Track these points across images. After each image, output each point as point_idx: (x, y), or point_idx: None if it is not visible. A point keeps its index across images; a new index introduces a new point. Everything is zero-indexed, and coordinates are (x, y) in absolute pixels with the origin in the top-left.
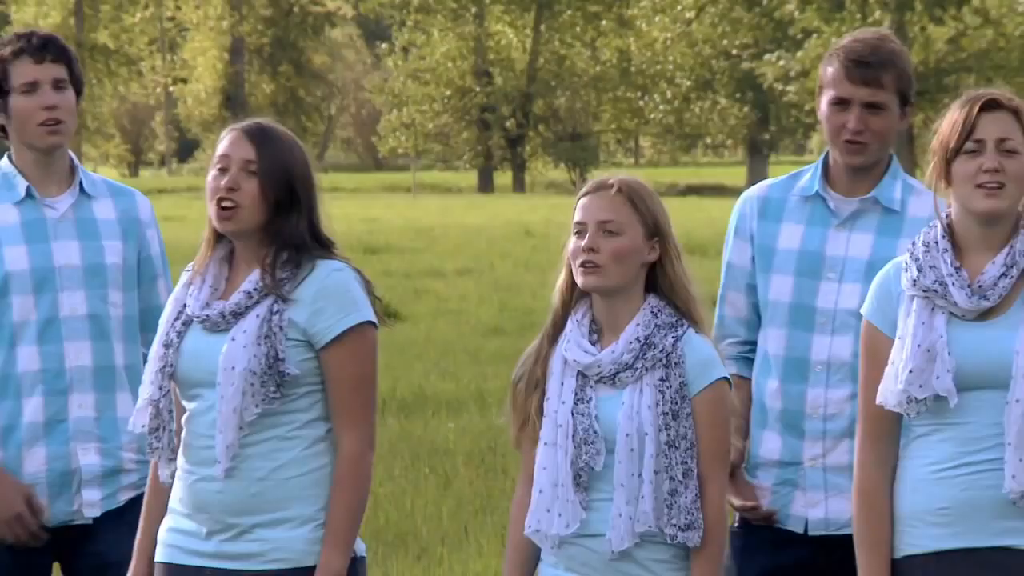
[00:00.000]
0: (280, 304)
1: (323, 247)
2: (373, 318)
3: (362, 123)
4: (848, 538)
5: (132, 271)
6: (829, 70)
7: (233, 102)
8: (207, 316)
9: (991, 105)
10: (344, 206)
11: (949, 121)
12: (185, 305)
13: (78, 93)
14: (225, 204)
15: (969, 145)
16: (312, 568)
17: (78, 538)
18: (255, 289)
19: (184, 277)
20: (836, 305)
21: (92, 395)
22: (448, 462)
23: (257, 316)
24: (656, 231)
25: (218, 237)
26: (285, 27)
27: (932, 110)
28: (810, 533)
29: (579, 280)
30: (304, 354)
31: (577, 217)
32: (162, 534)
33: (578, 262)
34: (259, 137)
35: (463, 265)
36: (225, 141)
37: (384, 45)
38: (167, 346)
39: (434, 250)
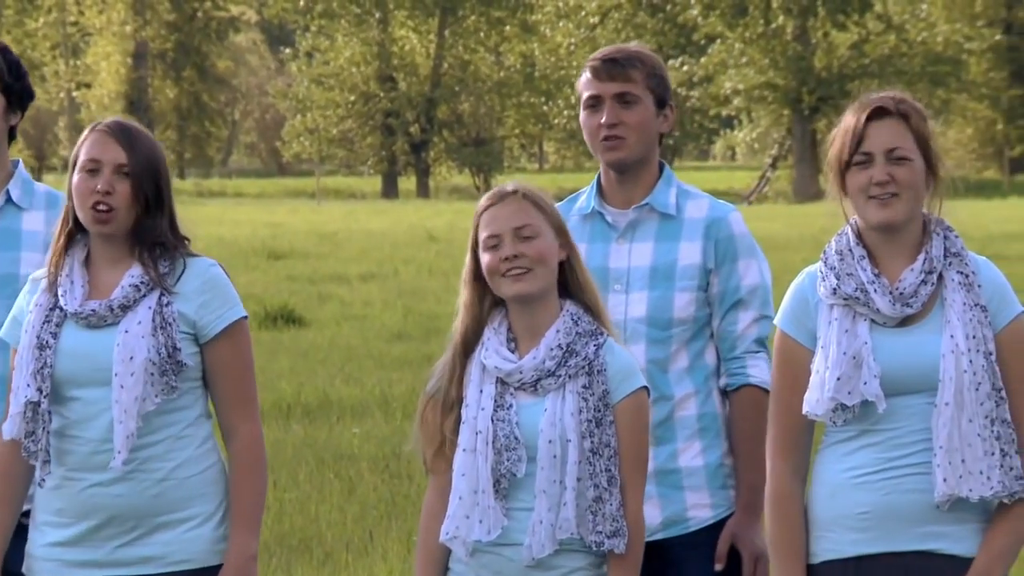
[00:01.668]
0: (167, 296)
1: (183, 244)
2: (246, 313)
3: (266, 128)
4: (658, 545)
5: None
6: (581, 80)
7: (136, 107)
8: (92, 311)
9: (879, 113)
10: (248, 211)
11: (840, 131)
12: (55, 307)
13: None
14: (101, 207)
15: (858, 157)
16: (214, 568)
17: None
18: (142, 283)
19: (39, 284)
20: (626, 316)
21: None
22: (353, 467)
23: (149, 308)
24: (560, 232)
25: (71, 239)
26: (188, 32)
27: (835, 115)
28: None
29: (508, 290)
30: (192, 347)
31: (488, 231)
32: (36, 551)
33: (503, 271)
34: (126, 138)
35: (367, 270)
36: (90, 142)
37: (288, 50)
38: (42, 348)
39: (338, 255)
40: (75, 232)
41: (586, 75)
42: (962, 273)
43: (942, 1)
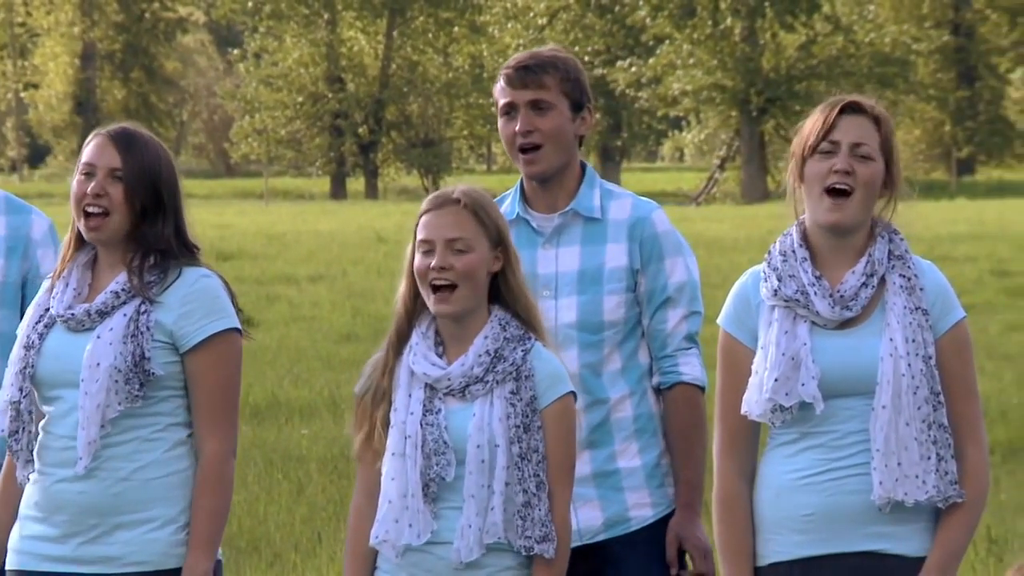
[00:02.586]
0: (147, 305)
1: (189, 253)
2: (239, 325)
3: (214, 129)
4: (599, 545)
5: (12, 288)
6: (496, 88)
7: (84, 108)
8: (72, 315)
9: (853, 108)
10: (196, 212)
11: (809, 121)
12: (48, 308)
13: None
14: (91, 210)
15: (824, 145)
16: (172, 571)
17: None
18: (123, 290)
19: (45, 284)
20: (556, 321)
21: None
22: (301, 469)
23: (124, 315)
24: (500, 241)
25: (80, 243)
26: (137, 33)
27: (783, 116)
28: None
29: (432, 307)
30: (169, 357)
31: (423, 235)
32: (13, 542)
33: (429, 282)
34: (124, 143)
35: (316, 271)
36: (90, 147)
37: (236, 51)
38: (28, 348)
39: (287, 256)
40: (83, 238)
41: (500, 83)
42: (904, 276)
43: (890, 2)
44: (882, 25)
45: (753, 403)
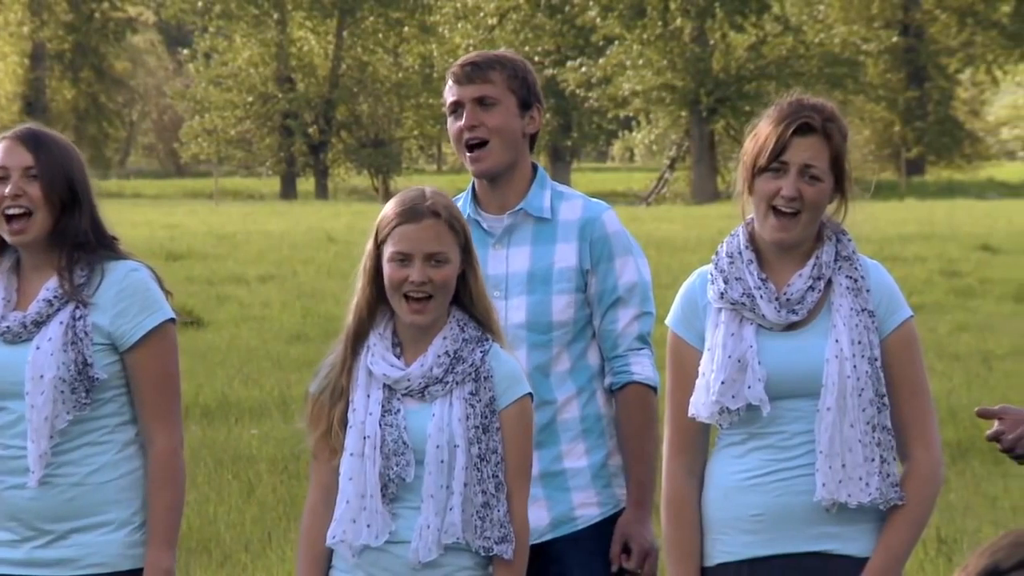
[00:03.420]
0: (82, 309)
1: (107, 246)
2: (173, 315)
3: (164, 129)
4: (546, 545)
5: None
6: (445, 88)
7: (34, 108)
8: (7, 328)
9: (805, 129)
10: (146, 212)
11: (763, 133)
12: None
13: None
14: (12, 212)
15: (775, 164)
16: (130, 572)
17: None
18: (55, 296)
19: None
20: (506, 321)
21: None
22: (251, 469)
23: (61, 323)
24: (465, 249)
25: (1, 249)
26: (86, 33)
27: (733, 117)
28: None
29: (405, 316)
30: (109, 357)
31: (401, 247)
32: None
33: (405, 292)
34: (33, 141)
35: (266, 271)
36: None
37: (186, 51)
38: None
39: (237, 256)
40: (4, 243)
41: (448, 82)
42: (851, 278)
43: (839, 3)
44: (832, 25)
45: (700, 405)
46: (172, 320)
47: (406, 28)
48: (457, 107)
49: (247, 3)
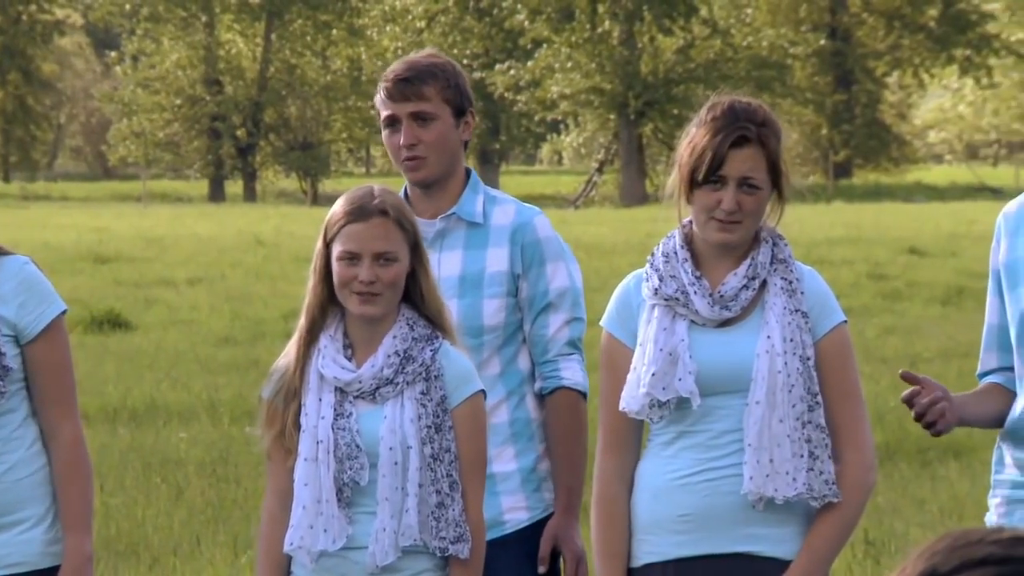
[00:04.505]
0: None
1: None
2: (65, 306)
3: (91, 132)
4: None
5: None
6: (377, 99)
7: None
8: None
9: (740, 141)
10: (73, 215)
11: (699, 144)
12: None
13: None
14: None
15: (713, 177)
16: (49, 569)
17: None
18: None
19: None
20: None
21: None
22: (179, 472)
23: None
24: (415, 248)
25: None
26: (14, 35)
27: (661, 120)
28: None
29: (354, 309)
30: (15, 349)
31: (349, 246)
32: None
33: (354, 290)
34: None
35: (194, 275)
36: None
37: (114, 54)
38: None
39: (165, 259)
40: None
41: (381, 95)
42: (786, 279)
43: (767, 6)
44: (759, 29)
45: (630, 399)
46: (65, 312)
47: (334, 31)
48: (393, 122)
49: (175, 6)
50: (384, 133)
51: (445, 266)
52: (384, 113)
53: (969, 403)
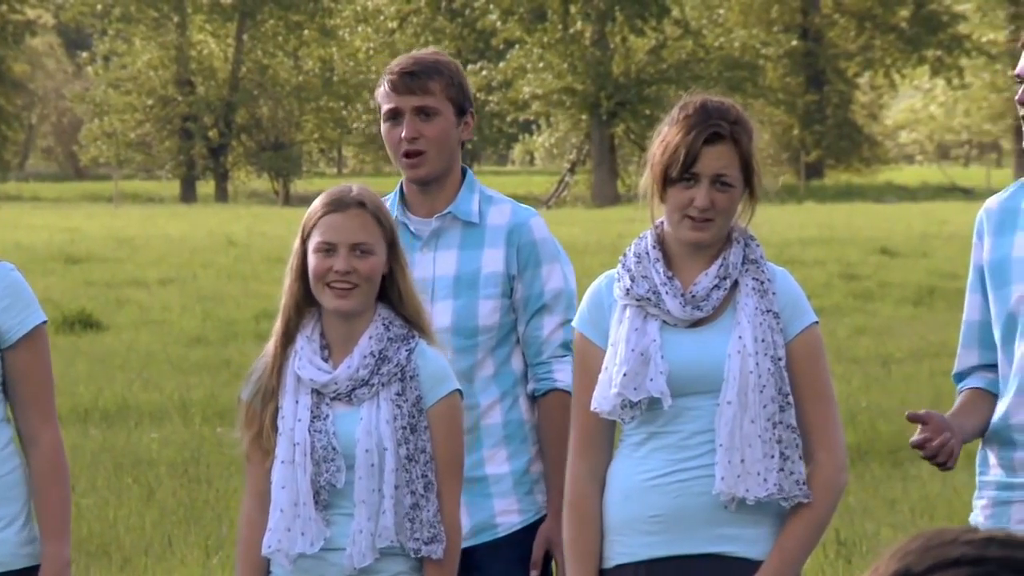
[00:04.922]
0: None
1: None
2: (45, 316)
3: (63, 132)
4: (466, 551)
5: None
6: (380, 92)
7: None
8: None
9: (713, 138)
10: (45, 216)
11: (672, 142)
12: None
13: None
14: None
15: (686, 175)
16: (25, 570)
17: None
18: None
19: None
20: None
21: None
22: (151, 472)
23: None
24: (392, 245)
25: None
26: None
27: (633, 120)
28: None
29: (329, 303)
30: None
31: (325, 237)
32: None
33: (329, 281)
34: None
35: (166, 275)
36: None
37: (85, 54)
38: None
39: (136, 260)
40: None
41: (384, 87)
42: (757, 280)
43: (739, 7)
44: (731, 29)
45: (602, 399)
46: (45, 321)
47: (306, 31)
48: (395, 114)
49: (146, 6)
50: (384, 127)
51: (440, 265)
52: (387, 106)
53: (966, 422)
